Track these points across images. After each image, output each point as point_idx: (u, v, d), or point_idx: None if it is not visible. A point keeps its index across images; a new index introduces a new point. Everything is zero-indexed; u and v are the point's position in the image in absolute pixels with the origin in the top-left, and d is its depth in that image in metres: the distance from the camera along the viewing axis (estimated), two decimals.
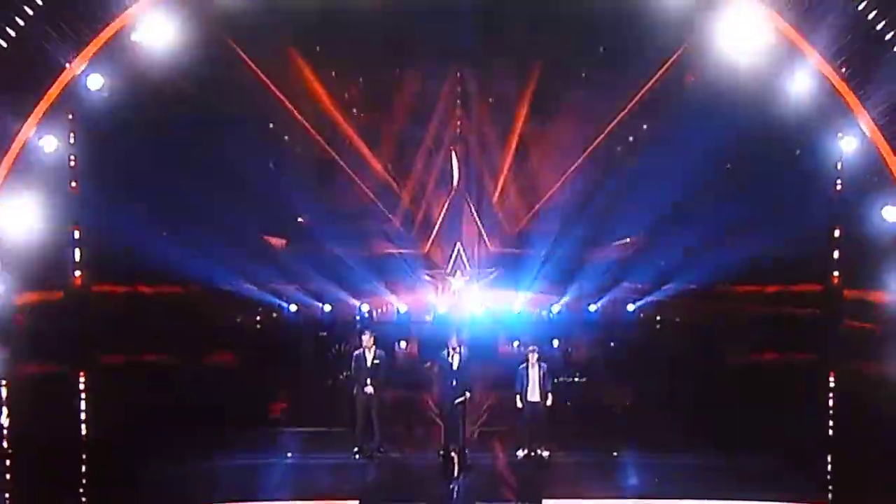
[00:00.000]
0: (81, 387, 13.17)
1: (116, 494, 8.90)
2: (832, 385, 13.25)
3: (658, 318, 16.98)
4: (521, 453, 10.26)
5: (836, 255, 14.14)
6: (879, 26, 11.80)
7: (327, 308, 17.17)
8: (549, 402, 10.24)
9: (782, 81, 12.41)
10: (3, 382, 12.18)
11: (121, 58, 11.99)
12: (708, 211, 14.82)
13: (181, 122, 13.31)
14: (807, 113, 12.53)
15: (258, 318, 16.96)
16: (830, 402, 12.64)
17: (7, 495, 9.00)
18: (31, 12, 11.41)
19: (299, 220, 16.77)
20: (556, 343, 16.30)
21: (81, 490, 9.35)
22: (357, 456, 10.18)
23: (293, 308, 17.12)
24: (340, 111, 16.31)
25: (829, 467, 10.10)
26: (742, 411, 11.39)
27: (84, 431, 11.49)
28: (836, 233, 14.03)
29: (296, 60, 15.09)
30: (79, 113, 12.35)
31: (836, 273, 14.22)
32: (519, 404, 10.26)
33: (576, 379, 14.25)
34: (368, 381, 10.19)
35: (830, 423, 11.81)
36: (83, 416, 12.08)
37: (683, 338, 15.95)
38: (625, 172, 16.13)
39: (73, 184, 13.09)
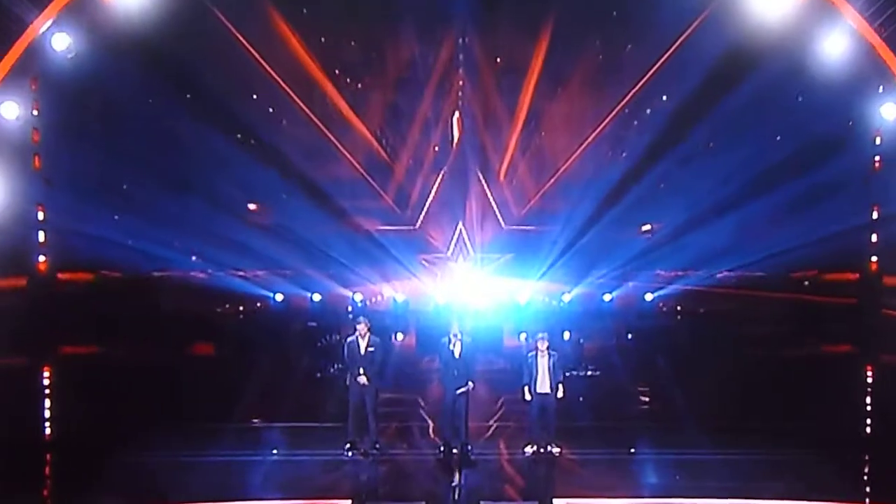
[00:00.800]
0: (46, 381, 13.23)
1: (85, 494, 8.86)
2: (869, 378, 13.21)
3: (679, 308, 17.08)
4: (529, 450, 10.20)
5: (873, 238, 14.02)
6: None
7: (316, 298, 17.23)
8: (559, 395, 10.16)
9: (817, 45, 12.30)
10: None
11: (88, 16, 11.82)
12: (736, 192, 14.87)
13: (153, 88, 13.22)
14: (842, 80, 12.41)
15: (241, 308, 17.07)
16: (868, 397, 12.63)
17: None
18: None
19: (283, 196, 16.66)
20: (567, 335, 16.35)
21: (45, 490, 9.41)
22: (349, 453, 10.09)
23: (279, 298, 17.18)
24: (327, 76, 16.21)
25: (866, 465, 10.11)
26: (770, 406, 11.46)
27: (48, 428, 11.53)
28: (874, 214, 13.86)
29: (277, 22, 15.00)
30: (43, 77, 12.20)
31: (873, 259, 14.12)
32: (527, 397, 10.20)
33: (589, 372, 14.32)
34: (362, 370, 10.14)
35: (867, 419, 11.80)
36: (48, 412, 12.09)
37: (706, 329, 16.12)
38: (646, 149, 16.08)
39: (37, 159, 12.97)
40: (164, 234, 14.90)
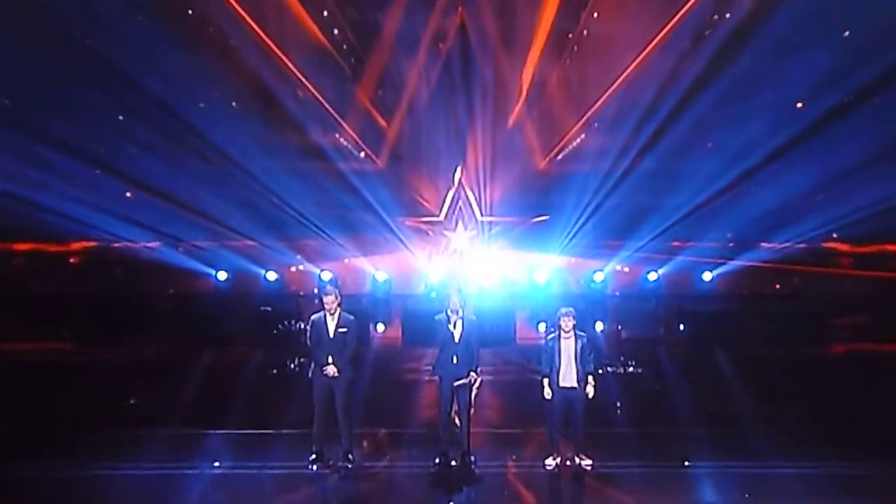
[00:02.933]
0: None
1: None
2: None
3: (744, 290, 17.09)
4: (551, 462, 10.01)
5: None
6: None
7: (271, 276, 17.14)
8: (590, 391, 9.89)
9: None
10: None
11: None
12: (805, 148, 15.14)
13: (89, 31, 13.69)
14: None
15: (172, 289, 17.18)
16: None
17: None
18: None
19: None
20: (600, 326, 16.54)
21: None
22: (313, 466, 9.97)
23: (222, 276, 17.08)
24: None
25: None
26: (858, 410, 11.55)
27: None
28: None
29: None
30: None
31: None
32: (546, 393, 9.94)
33: (629, 369, 14.33)
34: (330, 358, 9.90)
35: None
36: None
37: (778, 316, 16.11)
38: (693, 90, 16.06)
39: None
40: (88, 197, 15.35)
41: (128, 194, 16.24)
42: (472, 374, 9.92)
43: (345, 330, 9.99)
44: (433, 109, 17.50)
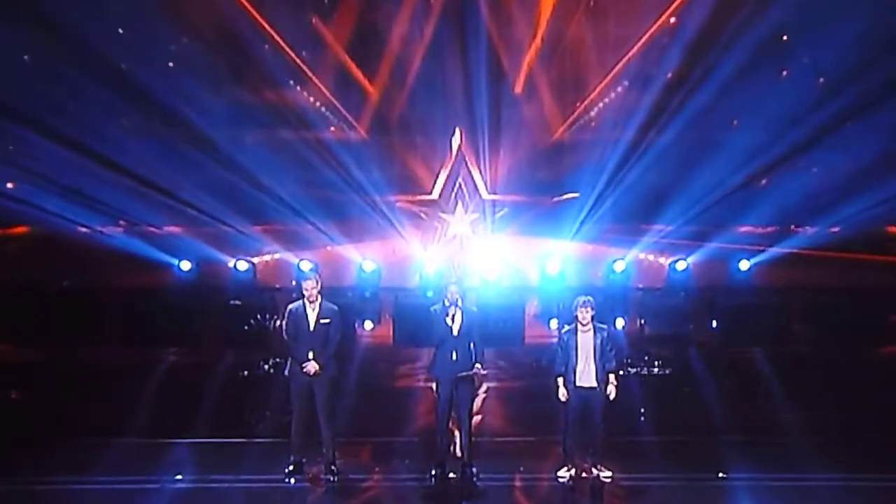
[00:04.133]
0: None
1: None
2: None
3: (787, 281, 17.05)
4: (565, 474, 10.05)
5: None
6: None
7: (242, 266, 17.27)
8: (611, 391, 9.93)
9: None
10: None
11: None
12: (865, 115, 15.26)
13: None
14: None
15: (127, 281, 17.03)
16: None
17: None
18: None
19: None
20: (621, 322, 16.64)
21: None
22: (291, 479, 10.00)
23: (186, 266, 17.23)
24: None
25: None
26: None
27: None
28: None
29: None
30: None
31: None
32: (561, 394, 9.98)
33: (654, 370, 14.40)
34: (311, 353, 9.93)
35: None
36: None
37: (826, 311, 16.18)
38: (734, 44, 16.03)
39: None
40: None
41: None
42: (478, 365, 9.93)
43: (327, 321, 10.00)
44: (427, 65, 17.46)
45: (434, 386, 10.15)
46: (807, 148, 16.09)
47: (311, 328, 9.97)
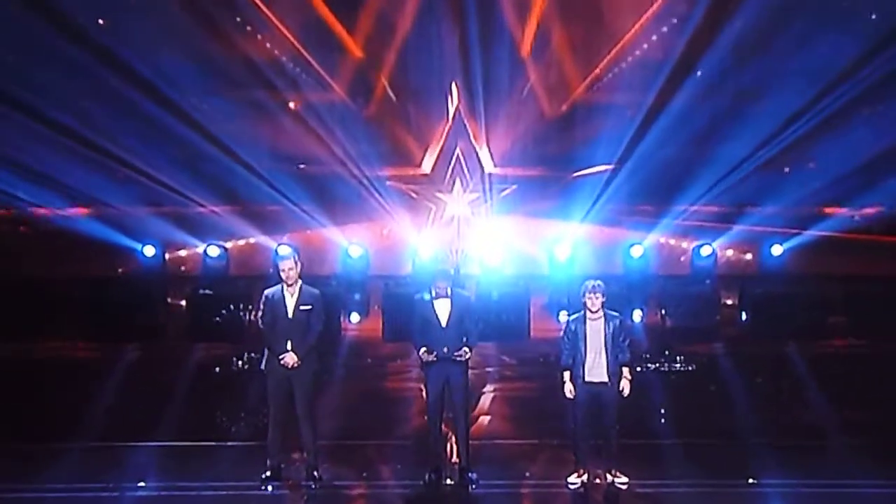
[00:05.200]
0: None
1: None
2: None
3: (825, 268, 17.20)
4: (576, 480, 10.09)
5: None
6: None
7: (213, 252, 17.35)
8: (625, 387, 9.98)
9: None
10: None
11: None
12: None
13: None
14: None
15: (84, 268, 17.27)
16: None
17: None
18: None
19: None
20: (639, 315, 16.75)
21: None
22: (268, 486, 10.04)
23: (149, 252, 17.31)
24: None
25: None
26: None
27: None
28: None
29: None
30: None
31: None
32: (568, 390, 10.03)
33: (676, 366, 14.47)
34: (289, 344, 9.98)
35: None
36: None
37: (867, 301, 16.28)
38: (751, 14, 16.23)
39: None
40: None
41: None
42: (465, 349, 9.94)
43: (308, 308, 10.03)
44: (420, 20, 17.49)
45: (423, 385, 10.26)
46: (850, 114, 16.06)
47: (290, 315, 9.97)
